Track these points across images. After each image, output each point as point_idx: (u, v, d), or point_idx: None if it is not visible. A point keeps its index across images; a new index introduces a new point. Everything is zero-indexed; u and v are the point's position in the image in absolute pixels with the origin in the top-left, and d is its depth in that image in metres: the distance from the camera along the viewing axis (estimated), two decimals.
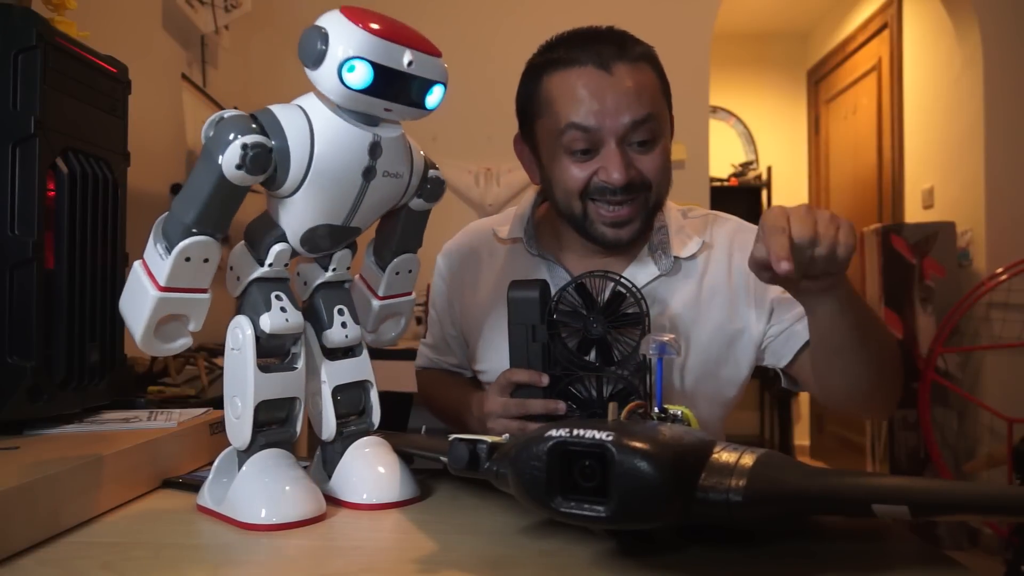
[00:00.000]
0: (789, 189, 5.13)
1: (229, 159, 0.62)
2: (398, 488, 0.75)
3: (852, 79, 4.44)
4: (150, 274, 0.66)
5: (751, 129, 5.24)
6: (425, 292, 1.24)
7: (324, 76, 0.63)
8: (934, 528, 2.93)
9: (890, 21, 3.97)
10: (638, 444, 0.52)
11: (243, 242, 0.73)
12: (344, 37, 0.62)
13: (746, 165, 5.16)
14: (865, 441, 3.42)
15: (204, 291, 0.69)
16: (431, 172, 0.77)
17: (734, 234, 1.11)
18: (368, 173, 0.69)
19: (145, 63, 2.19)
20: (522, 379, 0.91)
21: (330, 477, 0.76)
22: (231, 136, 0.62)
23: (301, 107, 0.67)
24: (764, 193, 5.11)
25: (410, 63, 0.64)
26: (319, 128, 0.66)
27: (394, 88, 0.65)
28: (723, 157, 4.98)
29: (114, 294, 0.92)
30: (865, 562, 0.60)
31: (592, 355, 0.91)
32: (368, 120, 0.68)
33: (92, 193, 0.91)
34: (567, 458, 0.55)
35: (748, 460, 0.55)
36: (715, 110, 4.96)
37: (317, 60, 0.62)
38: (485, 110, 2.78)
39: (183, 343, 0.70)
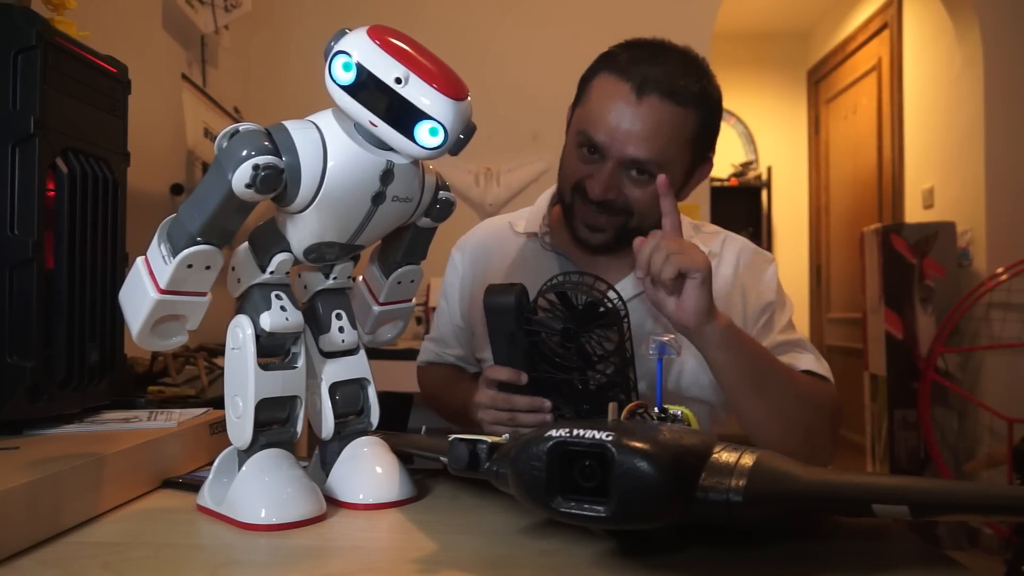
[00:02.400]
0: (789, 189, 5.13)
1: (240, 177, 0.62)
2: (396, 488, 0.74)
3: (852, 79, 4.44)
4: (152, 274, 0.66)
5: (751, 129, 5.24)
6: (425, 294, 1.24)
7: (326, 69, 0.64)
8: (934, 528, 2.93)
9: (890, 21, 3.97)
10: (638, 444, 0.52)
11: (247, 244, 0.73)
12: (350, 38, 0.63)
13: (746, 165, 5.17)
14: (865, 441, 3.42)
15: (204, 294, 0.69)
16: (441, 193, 0.77)
17: (741, 252, 1.14)
18: (378, 198, 0.69)
19: (145, 63, 2.19)
20: (503, 378, 0.92)
21: (328, 477, 0.76)
22: (244, 153, 0.62)
23: (316, 126, 0.66)
24: (764, 193, 5.11)
25: (398, 80, 0.62)
26: (332, 150, 0.65)
27: (379, 102, 0.63)
28: (723, 157, 4.98)
29: (114, 294, 0.92)
30: (865, 562, 0.60)
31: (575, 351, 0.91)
32: (381, 144, 0.67)
33: (92, 193, 0.91)
34: (567, 458, 0.55)
35: (748, 460, 0.55)
36: None
37: (325, 53, 0.64)
38: (484, 110, 2.75)
39: (179, 340, 0.70)
